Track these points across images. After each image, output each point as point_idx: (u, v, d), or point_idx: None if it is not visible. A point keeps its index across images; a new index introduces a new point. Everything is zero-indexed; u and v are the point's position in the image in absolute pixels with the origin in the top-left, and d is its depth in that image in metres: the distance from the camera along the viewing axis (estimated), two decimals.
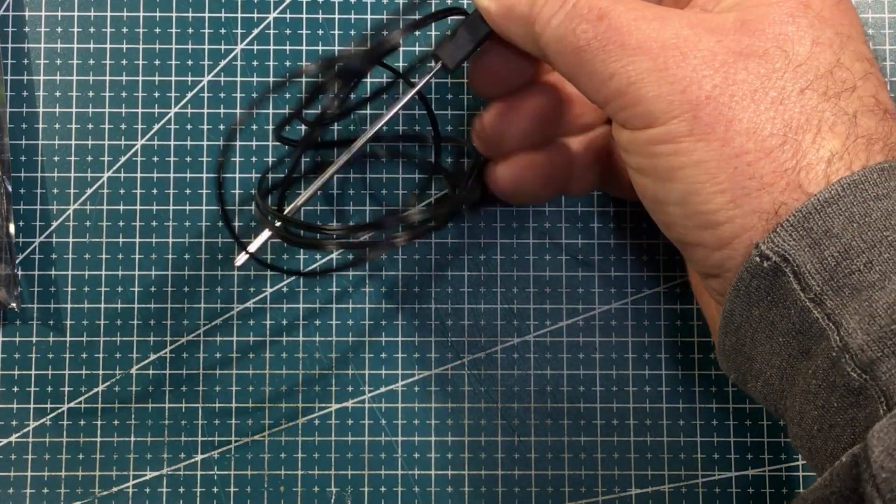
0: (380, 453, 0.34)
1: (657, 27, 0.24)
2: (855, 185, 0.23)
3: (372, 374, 0.34)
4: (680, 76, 0.24)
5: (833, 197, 0.23)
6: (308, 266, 0.34)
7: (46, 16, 0.35)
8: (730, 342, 0.26)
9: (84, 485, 0.33)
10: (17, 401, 0.34)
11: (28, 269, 0.34)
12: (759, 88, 0.24)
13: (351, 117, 0.34)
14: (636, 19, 0.25)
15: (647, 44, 0.24)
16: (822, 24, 0.24)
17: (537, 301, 0.34)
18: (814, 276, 0.23)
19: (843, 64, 0.24)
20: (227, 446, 0.34)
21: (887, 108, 0.24)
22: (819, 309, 0.23)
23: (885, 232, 0.22)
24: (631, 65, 0.24)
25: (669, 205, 0.25)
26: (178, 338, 0.34)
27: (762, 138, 0.23)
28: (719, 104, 0.24)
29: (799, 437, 0.24)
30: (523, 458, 0.34)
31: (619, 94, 0.25)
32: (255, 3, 0.35)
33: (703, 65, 0.24)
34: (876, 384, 0.22)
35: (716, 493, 0.34)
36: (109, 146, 0.35)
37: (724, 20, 0.25)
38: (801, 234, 0.23)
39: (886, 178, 0.23)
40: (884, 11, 0.35)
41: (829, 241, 0.23)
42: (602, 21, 0.25)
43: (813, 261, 0.23)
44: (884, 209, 0.22)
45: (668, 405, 0.34)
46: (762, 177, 0.23)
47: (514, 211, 0.35)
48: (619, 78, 0.25)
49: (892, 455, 0.20)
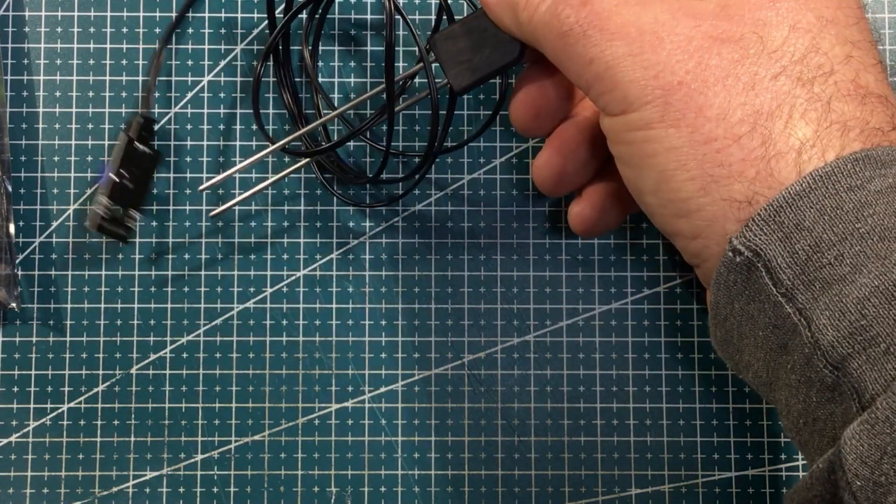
0: (380, 453, 0.34)
1: (637, 12, 0.24)
2: (827, 177, 0.22)
3: (372, 374, 0.34)
4: (654, 61, 0.24)
5: (804, 189, 0.22)
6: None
7: (46, 16, 0.35)
8: (720, 334, 0.26)
9: (84, 485, 0.34)
10: (17, 401, 0.34)
11: (28, 269, 0.34)
12: (731, 74, 0.23)
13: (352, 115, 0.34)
14: (617, 4, 0.25)
15: (625, 28, 0.24)
16: (804, 7, 0.24)
17: (537, 301, 0.34)
18: (784, 271, 0.22)
19: (820, 49, 0.24)
20: (227, 446, 0.34)
21: (869, 90, 0.23)
22: (791, 304, 0.22)
23: (857, 224, 0.22)
24: (609, 49, 0.24)
25: (646, 193, 0.25)
26: (178, 338, 0.34)
27: (731, 125, 0.23)
28: (690, 90, 0.23)
29: (789, 430, 0.24)
30: (523, 458, 0.34)
31: (598, 78, 0.25)
32: (255, 3, 0.35)
33: (678, 49, 0.24)
34: (848, 381, 0.21)
35: (716, 493, 0.34)
36: (109, 146, 0.35)
37: (706, 4, 0.24)
38: (773, 228, 0.22)
39: (861, 168, 0.22)
40: (884, 11, 0.35)
41: (800, 235, 0.22)
42: (585, 6, 0.25)
43: (784, 255, 0.22)
44: (856, 200, 0.22)
45: (668, 405, 0.34)
46: (731, 164, 0.23)
47: (515, 211, 0.35)
48: (598, 62, 0.25)
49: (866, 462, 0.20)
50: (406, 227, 0.34)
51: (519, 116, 0.30)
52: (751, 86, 0.23)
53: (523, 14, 0.27)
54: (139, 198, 0.33)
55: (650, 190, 0.25)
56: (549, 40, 0.26)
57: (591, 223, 0.31)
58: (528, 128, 0.30)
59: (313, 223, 0.34)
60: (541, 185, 0.31)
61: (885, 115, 0.23)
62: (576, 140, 0.30)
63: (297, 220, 0.34)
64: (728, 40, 0.24)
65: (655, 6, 0.24)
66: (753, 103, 0.23)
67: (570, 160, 0.30)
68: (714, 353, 0.34)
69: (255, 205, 0.34)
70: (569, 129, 0.30)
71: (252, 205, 0.34)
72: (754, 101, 0.23)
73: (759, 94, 0.23)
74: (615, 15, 0.24)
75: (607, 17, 0.25)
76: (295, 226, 0.34)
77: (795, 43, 0.24)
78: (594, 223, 0.31)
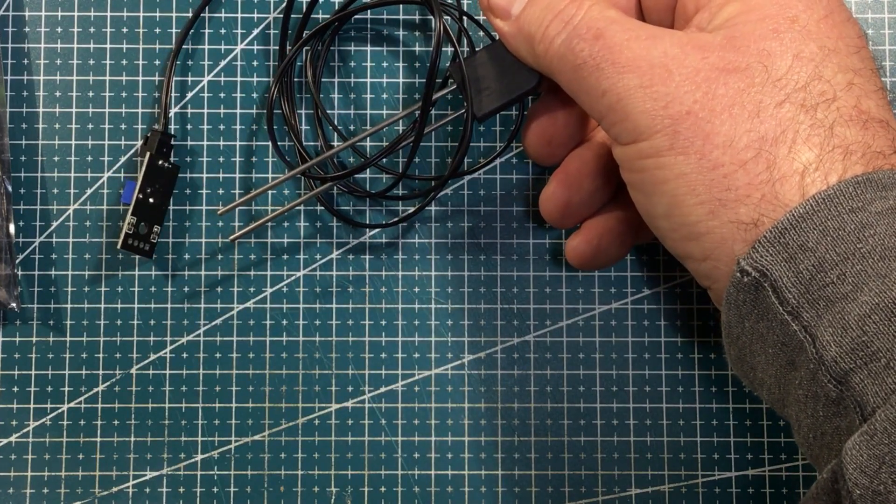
0: (380, 453, 0.34)
1: (647, 46, 0.25)
2: (830, 199, 0.23)
3: (372, 374, 0.34)
4: (663, 92, 0.25)
5: (808, 212, 0.23)
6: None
7: (46, 16, 0.35)
8: (734, 352, 0.26)
9: (84, 485, 0.33)
10: (17, 401, 0.34)
11: (28, 269, 0.34)
12: (737, 102, 0.24)
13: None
14: (629, 39, 0.26)
15: (636, 62, 0.25)
16: (807, 38, 0.25)
17: (537, 301, 0.34)
18: (790, 290, 0.23)
19: (823, 76, 0.24)
20: (227, 446, 0.34)
21: (871, 115, 0.24)
22: (797, 322, 0.23)
23: (858, 244, 0.23)
24: (621, 82, 0.25)
25: (658, 218, 0.26)
26: (178, 338, 0.34)
27: (737, 151, 0.24)
28: (698, 119, 0.24)
29: (801, 445, 0.25)
30: (523, 458, 0.34)
31: (611, 109, 0.26)
32: (255, 3, 0.35)
33: (686, 81, 0.25)
34: (851, 395, 0.22)
35: (716, 493, 0.34)
36: (109, 146, 0.35)
37: (713, 38, 0.25)
38: (778, 249, 0.23)
39: (863, 191, 0.23)
40: (884, 11, 0.35)
41: (804, 255, 0.23)
42: (598, 40, 0.26)
43: (789, 275, 0.23)
44: (858, 221, 0.23)
45: (668, 405, 0.34)
46: (738, 188, 0.24)
47: (514, 211, 0.35)
48: (611, 94, 0.26)
49: (865, 472, 0.21)
50: (406, 228, 0.34)
51: (532, 144, 0.31)
52: (756, 113, 0.24)
53: (539, 47, 0.27)
54: (161, 213, 0.33)
55: (662, 214, 0.26)
56: (564, 72, 0.27)
57: (587, 258, 0.32)
58: (541, 155, 0.32)
59: (313, 223, 0.34)
60: (547, 217, 0.32)
61: (887, 139, 0.24)
62: (580, 173, 0.31)
63: (297, 220, 0.34)
64: (734, 70, 0.24)
65: (665, 40, 0.25)
66: (759, 130, 0.24)
67: (575, 193, 0.31)
68: (714, 353, 0.34)
69: (255, 205, 0.34)
70: (573, 163, 0.31)
71: (252, 205, 0.34)
72: (759, 127, 0.24)
73: (763, 121, 0.24)
74: (626, 49, 0.25)
75: (619, 51, 0.25)
76: (295, 226, 0.34)
77: (799, 71, 0.24)
78: (589, 258, 0.32)
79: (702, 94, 0.24)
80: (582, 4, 0.27)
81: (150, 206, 0.33)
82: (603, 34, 0.26)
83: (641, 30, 0.26)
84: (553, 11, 0.27)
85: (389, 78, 0.35)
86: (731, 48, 0.25)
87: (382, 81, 0.35)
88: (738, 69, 0.24)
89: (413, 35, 0.35)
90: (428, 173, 0.34)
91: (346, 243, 0.34)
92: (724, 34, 0.25)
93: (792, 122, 0.24)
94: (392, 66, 0.35)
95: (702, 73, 0.25)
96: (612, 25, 0.26)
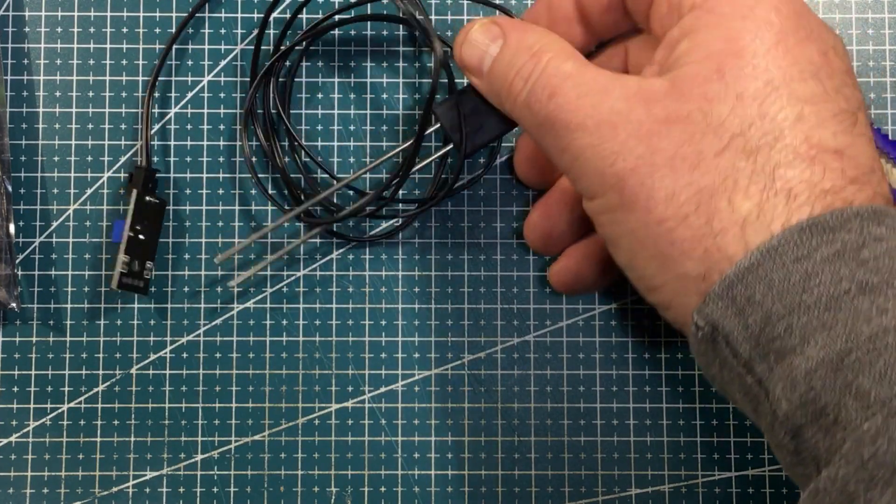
0: (380, 453, 0.34)
1: (596, 102, 0.25)
2: (774, 250, 0.22)
3: (372, 374, 0.34)
4: (610, 150, 0.25)
5: (753, 264, 0.23)
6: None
7: (46, 16, 0.35)
8: (715, 388, 0.27)
9: (84, 485, 0.34)
10: (17, 401, 0.34)
11: (28, 269, 0.34)
12: (677, 155, 0.24)
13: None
14: (579, 96, 0.25)
15: (585, 122, 0.25)
16: (751, 76, 0.24)
17: (537, 301, 0.34)
18: (741, 344, 0.23)
19: (768, 115, 0.23)
20: (227, 446, 0.34)
21: (822, 147, 0.23)
22: (750, 375, 0.23)
23: (804, 295, 0.22)
24: (574, 141, 0.25)
25: (624, 269, 0.27)
26: (178, 338, 0.34)
27: (678, 205, 0.24)
28: (641, 174, 0.24)
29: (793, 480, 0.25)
30: (523, 458, 0.34)
31: (570, 166, 0.26)
32: (255, 3, 0.35)
33: (631, 137, 0.24)
34: (806, 448, 0.22)
35: (716, 493, 0.34)
36: (109, 146, 0.35)
37: (661, 85, 0.25)
38: (727, 303, 0.23)
39: (808, 237, 0.22)
40: (884, 11, 0.35)
41: (751, 308, 0.23)
42: (552, 99, 0.26)
43: (739, 328, 0.23)
44: (803, 271, 0.22)
45: (668, 405, 0.34)
46: (682, 242, 0.24)
47: (514, 211, 0.35)
48: (567, 153, 0.26)
49: None
50: (406, 228, 0.34)
51: (522, 171, 0.33)
52: (696, 165, 0.24)
53: (506, 104, 0.28)
54: (153, 249, 0.33)
55: (625, 266, 0.26)
56: (530, 128, 0.27)
57: (568, 283, 0.33)
58: (531, 181, 0.33)
59: None
60: (531, 245, 0.33)
61: (838, 171, 0.23)
62: (560, 203, 0.32)
63: (297, 220, 0.34)
64: (676, 121, 0.24)
65: (614, 93, 0.25)
66: (698, 182, 0.24)
67: (556, 223, 0.32)
68: None
69: (255, 205, 0.34)
70: (553, 195, 0.32)
71: (252, 205, 0.34)
72: (699, 180, 0.24)
73: (703, 173, 0.24)
74: (577, 108, 0.25)
75: (570, 111, 0.25)
76: (295, 226, 0.34)
77: (742, 114, 0.24)
78: (570, 283, 0.33)
79: (644, 148, 0.24)
80: (539, 60, 0.26)
81: (141, 243, 0.33)
82: (556, 93, 0.26)
83: (594, 82, 0.25)
84: (514, 69, 0.27)
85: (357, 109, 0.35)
86: (674, 96, 0.24)
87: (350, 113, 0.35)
88: (680, 119, 0.24)
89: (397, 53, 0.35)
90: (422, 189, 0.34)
91: (346, 243, 0.34)
92: (670, 78, 0.25)
93: (731, 170, 0.23)
94: (360, 98, 0.35)
95: (645, 127, 0.24)
96: (566, 82, 0.26)
